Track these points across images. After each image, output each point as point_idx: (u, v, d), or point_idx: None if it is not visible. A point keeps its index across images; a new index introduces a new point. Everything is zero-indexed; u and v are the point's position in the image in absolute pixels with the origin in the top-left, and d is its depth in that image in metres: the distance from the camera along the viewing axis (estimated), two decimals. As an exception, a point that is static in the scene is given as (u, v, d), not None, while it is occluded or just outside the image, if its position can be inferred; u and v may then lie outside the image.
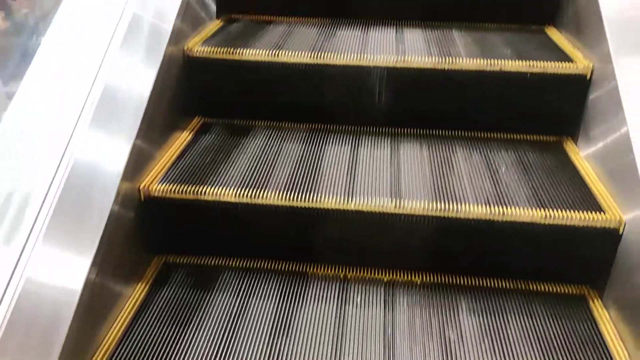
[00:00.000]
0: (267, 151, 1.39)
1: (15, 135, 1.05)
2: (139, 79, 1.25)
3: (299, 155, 1.37)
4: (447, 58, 1.42)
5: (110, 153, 1.13)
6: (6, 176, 1.00)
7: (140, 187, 1.20)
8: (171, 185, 1.22)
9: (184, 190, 1.21)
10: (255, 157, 1.35)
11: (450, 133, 1.50)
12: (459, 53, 1.47)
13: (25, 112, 1.08)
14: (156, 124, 1.29)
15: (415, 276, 1.26)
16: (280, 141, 1.45)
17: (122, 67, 1.21)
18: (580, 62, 1.40)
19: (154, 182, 1.22)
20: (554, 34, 1.65)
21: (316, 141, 1.45)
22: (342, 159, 1.36)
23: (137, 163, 1.18)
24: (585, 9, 1.48)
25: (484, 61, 1.41)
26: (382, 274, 1.27)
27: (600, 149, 1.30)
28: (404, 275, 1.26)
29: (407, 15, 1.75)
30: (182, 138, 1.44)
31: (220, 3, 1.76)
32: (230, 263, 1.29)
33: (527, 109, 1.47)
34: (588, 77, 1.38)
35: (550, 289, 1.23)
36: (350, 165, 1.34)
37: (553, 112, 1.47)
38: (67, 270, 0.97)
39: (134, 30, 1.29)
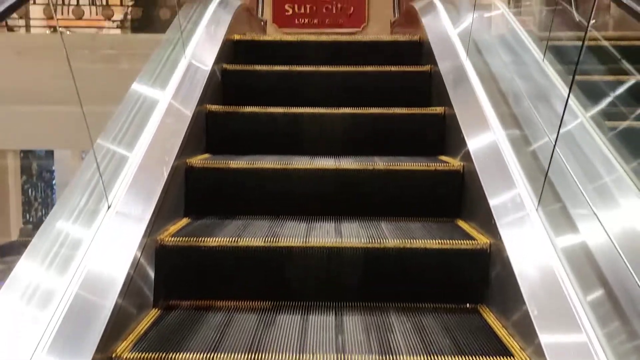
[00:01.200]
0: None
1: None
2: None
3: None
4: (388, 356, 1.40)
5: None
6: None
7: None
8: None
9: None
10: None
11: None
12: (400, 349, 1.45)
13: None
14: None
15: None
16: None
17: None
18: (518, 355, 1.41)
19: None
20: (488, 316, 1.70)
21: None
22: None
23: None
24: (511, 291, 1.54)
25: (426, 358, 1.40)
26: None
27: None
28: None
29: (345, 296, 1.79)
30: None
31: (158, 289, 1.74)
32: None
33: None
34: (531, 377, 1.38)
35: None
36: None
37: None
38: None
39: (66, 328, 1.22)
